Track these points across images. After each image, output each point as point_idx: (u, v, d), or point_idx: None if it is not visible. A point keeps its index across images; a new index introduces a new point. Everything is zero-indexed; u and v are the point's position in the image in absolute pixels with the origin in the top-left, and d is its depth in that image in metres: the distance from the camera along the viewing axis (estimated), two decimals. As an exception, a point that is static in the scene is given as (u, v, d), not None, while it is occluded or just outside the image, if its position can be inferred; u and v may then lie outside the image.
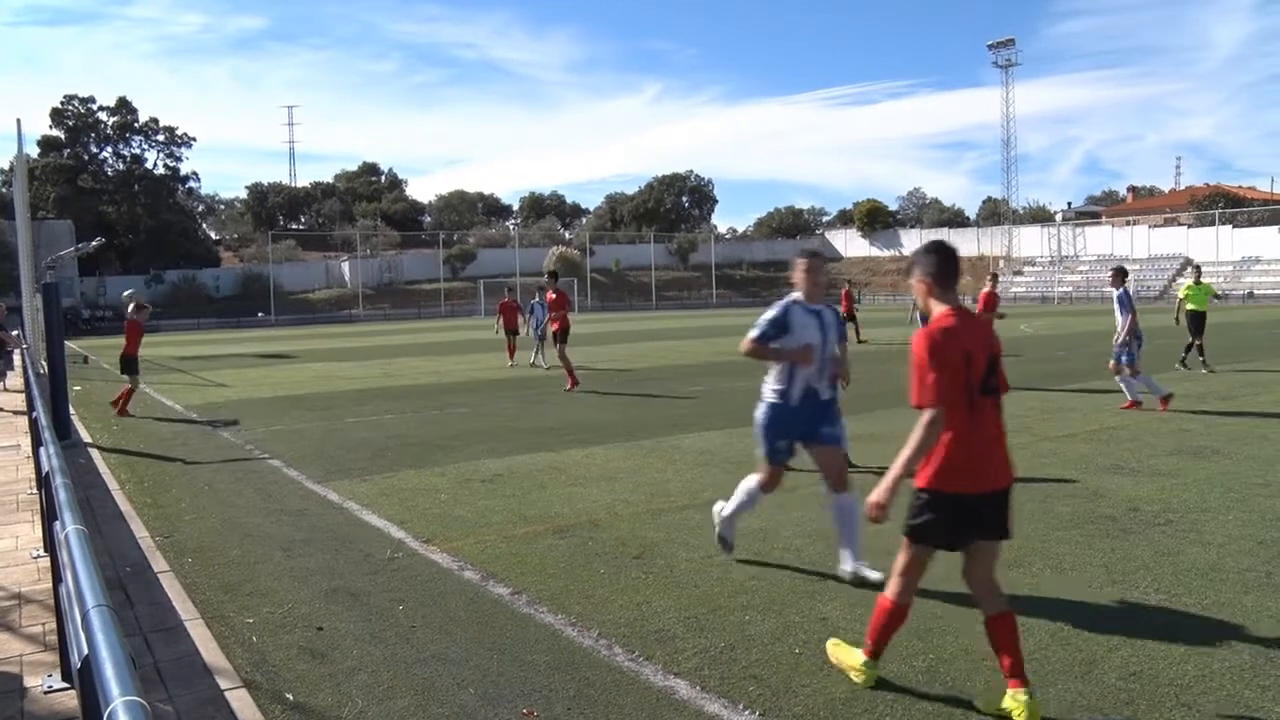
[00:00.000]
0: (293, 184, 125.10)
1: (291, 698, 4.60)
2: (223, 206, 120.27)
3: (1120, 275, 14.02)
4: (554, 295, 19.16)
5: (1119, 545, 6.80)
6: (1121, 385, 13.92)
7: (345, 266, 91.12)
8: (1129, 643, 4.97)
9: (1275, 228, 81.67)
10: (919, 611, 5.47)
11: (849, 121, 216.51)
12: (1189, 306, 19.31)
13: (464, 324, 60.09)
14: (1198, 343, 19.03)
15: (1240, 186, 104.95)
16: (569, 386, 18.06)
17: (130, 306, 16.17)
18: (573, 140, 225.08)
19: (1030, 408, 14.05)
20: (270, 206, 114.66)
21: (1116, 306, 13.87)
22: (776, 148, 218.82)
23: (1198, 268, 20.77)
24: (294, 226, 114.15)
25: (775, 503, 8.28)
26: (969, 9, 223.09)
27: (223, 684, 4.75)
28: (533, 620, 5.58)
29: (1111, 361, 13.96)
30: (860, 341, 29.61)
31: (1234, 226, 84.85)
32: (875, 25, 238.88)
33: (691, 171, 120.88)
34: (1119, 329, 13.70)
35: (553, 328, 18.95)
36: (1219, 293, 20.47)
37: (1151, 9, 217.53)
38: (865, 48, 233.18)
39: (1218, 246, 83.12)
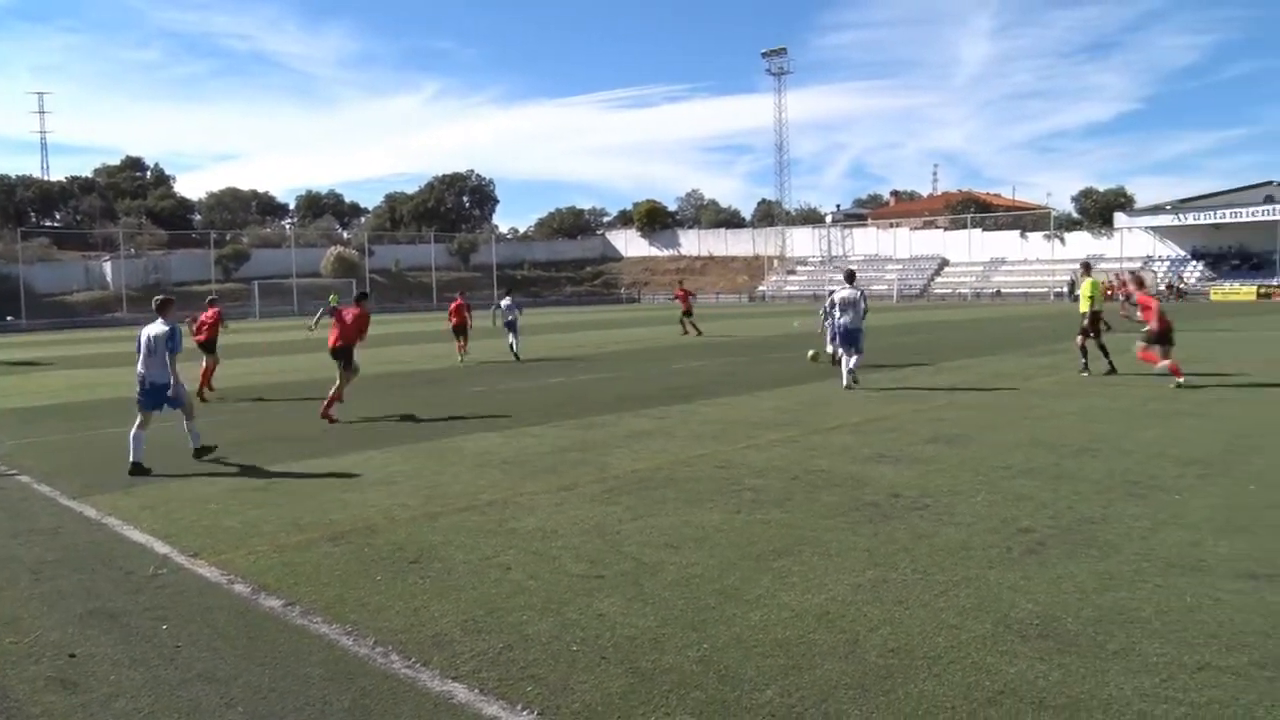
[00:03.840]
0: (46, 178, 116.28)
1: (38, 730, 4.29)
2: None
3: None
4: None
5: (881, 529, 7.21)
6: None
7: (107, 267, 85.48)
8: (889, 621, 5.28)
9: (1016, 232, 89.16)
10: (692, 603, 5.65)
11: (628, 123, 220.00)
12: (1094, 306, 17.61)
13: (238, 327, 57.43)
14: (1091, 341, 17.63)
15: (988, 193, 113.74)
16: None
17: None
18: (350, 138, 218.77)
19: (799, 401, 14.74)
20: (19, 201, 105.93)
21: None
22: (557, 148, 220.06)
23: (1087, 264, 19.00)
24: (48, 224, 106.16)
25: (554, 502, 8.37)
26: (744, 18, 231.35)
27: (-43, 721, 4.38)
28: (307, 631, 5.41)
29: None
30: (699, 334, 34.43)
31: (983, 230, 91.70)
32: (653, 31, 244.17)
33: (472, 171, 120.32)
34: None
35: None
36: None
37: (909, 26, 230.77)
38: (643, 52, 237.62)
39: (970, 248, 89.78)
